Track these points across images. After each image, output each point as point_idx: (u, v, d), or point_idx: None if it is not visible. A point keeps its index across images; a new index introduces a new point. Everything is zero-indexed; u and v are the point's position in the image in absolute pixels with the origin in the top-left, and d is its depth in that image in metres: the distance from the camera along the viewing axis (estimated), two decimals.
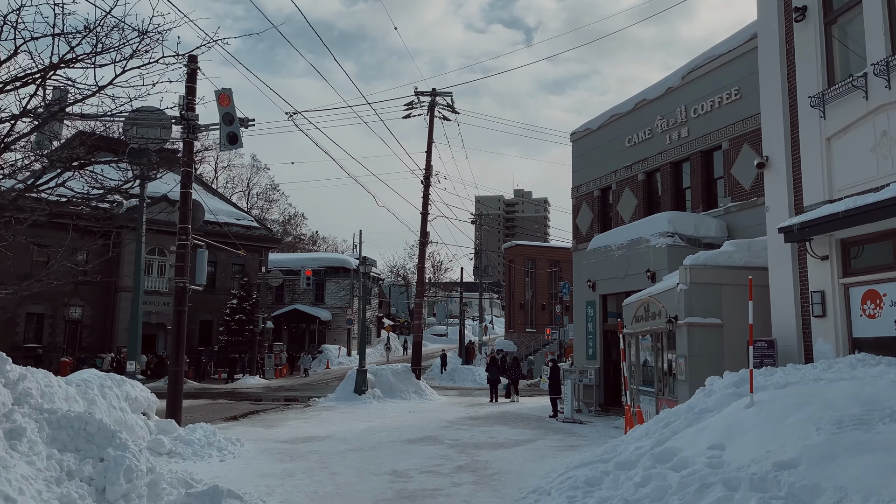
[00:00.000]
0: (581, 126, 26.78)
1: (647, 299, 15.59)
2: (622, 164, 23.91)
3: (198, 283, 14.01)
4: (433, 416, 19.29)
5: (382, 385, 24.95)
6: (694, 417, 7.16)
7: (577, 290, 24.95)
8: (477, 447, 12.70)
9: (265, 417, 18.94)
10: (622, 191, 24.00)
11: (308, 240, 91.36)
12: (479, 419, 18.43)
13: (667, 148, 21.84)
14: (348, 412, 20.25)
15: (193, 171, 13.66)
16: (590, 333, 22.23)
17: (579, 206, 26.52)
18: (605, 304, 22.00)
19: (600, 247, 21.91)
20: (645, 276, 19.17)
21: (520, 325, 50.00)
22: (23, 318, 40.17)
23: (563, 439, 14.16)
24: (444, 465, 10.64)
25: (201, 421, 18.21)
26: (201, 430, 11.71)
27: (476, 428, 16.12)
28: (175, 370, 13.38)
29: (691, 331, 12.99)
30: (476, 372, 37.97)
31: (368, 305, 62.44)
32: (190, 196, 13.48)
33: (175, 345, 13.55)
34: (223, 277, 47.22)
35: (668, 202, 21.67)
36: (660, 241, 19.07)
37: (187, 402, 24.51)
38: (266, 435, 14.49)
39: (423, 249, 27.16)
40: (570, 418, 18.22)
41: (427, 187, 27.35)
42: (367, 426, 16.39)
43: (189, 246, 13.33)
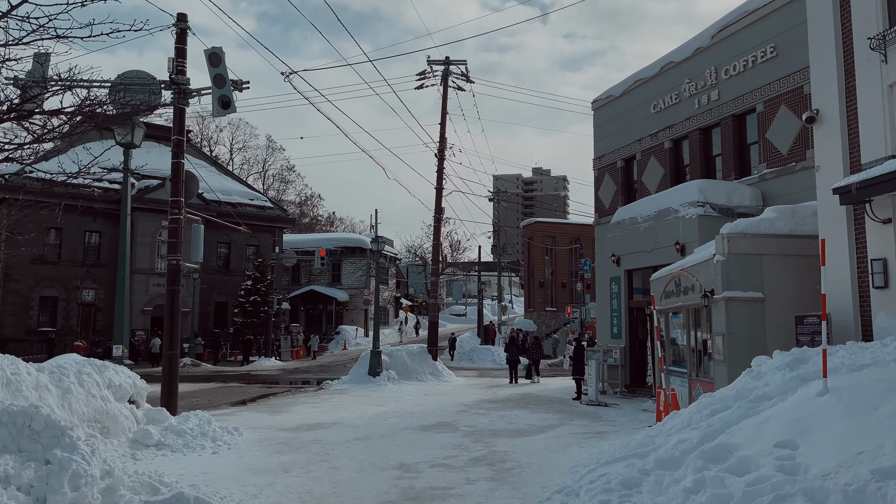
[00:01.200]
0: (603, 93, 25.41)
1: (679, 273, 14.39)
2: (647, 131, 22.57)
3: (194, 260, 13.03)
4: (449, 399, 18.30)
5: (397, 367, 24.02)
6: (749, 406, 6.05)
7: (599, 265, 23.76)
8: (495, 435, 11.67)
9: (273, 402, 18.07)
10: (647, 160, 22.68)
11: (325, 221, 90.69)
12: (498, 402, 17.42)
13: (695, 113, 20.47)
14: (361, 395, 19.33)
15: (185, 139, 12.63)
16: (614, 311, 21.06)
17: (601, 177, 25.23)
18: (631, 280, 20.79)
19: (625, 219, 20.67)
20: (674, 248, 17.93)
21: (539, 304, 48.86)
22: (36, 301, 39.74)
23: (588, 425, 13.08)
24: (457, 456, 9.61)
25: (207, 406, 17.40)
26: (196, 418, 10.78)
27: (494, 412, 15.10)
28: (169, 354, 12.45)
29: (730, 306, 11.80)
30: (495, 352, 36.95)
31: (385, 286, 61.55)
32: (182, 167, 12.47)
33: (168, 327, 12.61)
34: (237, 258, 46.54)
35: (697, 171, 20.35)
36: (690, 211, 17.80)
37: (197, 387, 23.82)
38: (270, 422, 13.57)
39: (438, 226, 26.06)
40: (594, 401, 17.14)
41: (441, 161, 26.19)
42: (378, 411, 15.43)
43: (181, 220, 12.35)
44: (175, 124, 12.47)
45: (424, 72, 26.30)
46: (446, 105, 26.56)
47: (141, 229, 41.75)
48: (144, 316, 41.41)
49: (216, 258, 46.05)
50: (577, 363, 18.77)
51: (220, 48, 11.75)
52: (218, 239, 45.99)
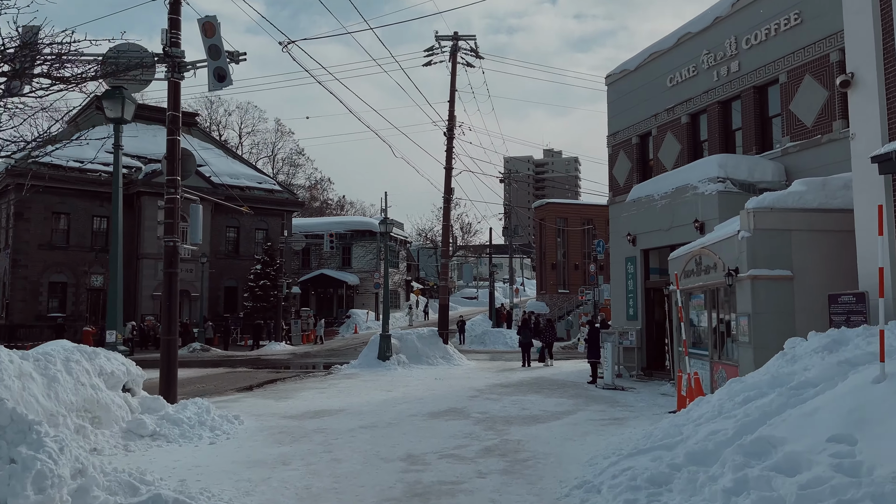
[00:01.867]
0: (617, 67, 24.58)
1: (700, 251, 13.72)
2: (663, 106, 21.78)
3: (192, 241, 12.49)
4: (460, 383, 17.78)
5: (408, 350, 23.52)
6: (791, 394, 5.43)
7: (614, 245, 23.09)
8: (508, 422, 11.11)
9: (280, 388, 17.61)
10: (663, 136, 21.90)
11: (336, 204, 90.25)
12: (511, 387, 16.87)
13: (714, 86, 19.67)
14: (370, 380, 18.84)
15: (180, 114, 12.04)
16: (630, 292, 20.41)
17: (616, 155, 24.47)
18: (647, 260, 20.12)
19: (641, 197, 19.97)
20: (692, 227, 17.25)
21: (552, 286, 48.23)
22: (45, 287, 39.55)
23: (605, 410, 12.50)
24: (468, 446, 9.05)
25: (213, 392, 16.97)
26: (194, 406, 10.28)
27: (507, 397, 14.54)
28: (167, 339, 11.93)
29: (756, 285, 11.13)
30: (507, 335, 36.42)
31: (395, 269, 61.11)
32: (177, 144, 11.87)
33: (166, 311, 12.09)
34: (246, 242, 46.16)
35: (716, 146, 19.58)
36: (709, 187, 17.08)
37: (204, 372, 23.41)
38: (274, 408, 13.08)
39: (448, 206, 25.41)
40: (610, 384, 16.55)
41: (450, 140, 25.50)
42: (387, 397, 14.92)
43: (178, 200, 11.79)
44: (169, 99, 11.89)
45: (432, 48, 25.55)
46: (455, 82, 25.83)
47: (148, 213, 41.43)
48: (154, 300, 41.13)
49: (225, 242, 45.69)
50: (591, 346, 18.17)
51: (213, 17, 11.12)
52: (227, 223, 45.60)
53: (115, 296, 10.31)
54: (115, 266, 10.19)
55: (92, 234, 41.01)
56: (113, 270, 10.19)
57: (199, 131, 50.23)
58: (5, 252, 40.32)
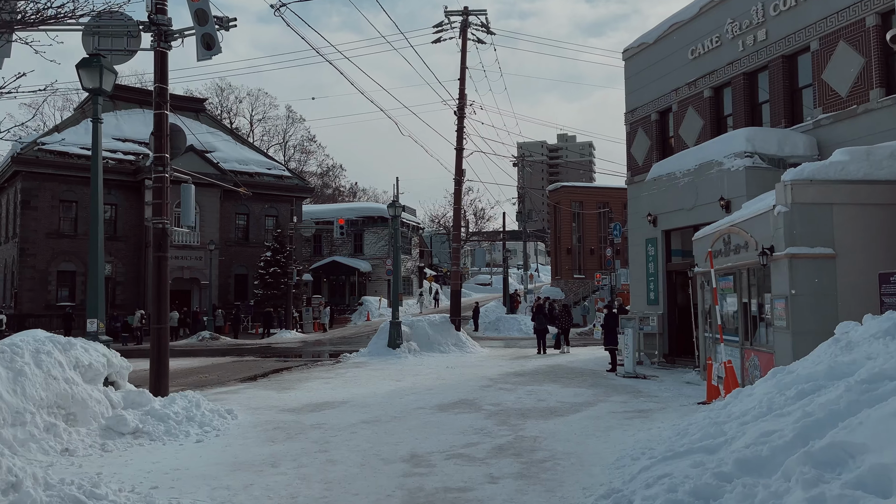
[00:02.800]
0: (635, 41, 23.47)
1: (728, 229, 12.74)
2: (684, 80, 20.68)
3: (184, 224, 11.69)
4: (473, 372, 16.94)
5: (419, 338, 22.70)
6: (863, 389, 4.53)
7: (633, 227, 22.09)
8: (523, 415, 10.24)
9: (285, 377, 16.86)
10: (685, 111, 20.82)
11: (348, 192, 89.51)
12: (526, 375, 16.01)
13: (739, 56, 18.56)
14: (379, 369, 18.05)
15: (167, 86, 11.19)
16: (650, 275, 19.43)
17: (634, 132, 23.40)
18: (669, 241, 19.12)
19: (662, 175, 18.95)
20: (718, 205, 16.25)
21: (567, 271, 47.21)
22: (54, 276, 39.11)
23: (628, 401, 11.60)
24: (479, 444, 8.20)
25: (215, 383, 16.26)
26: (184, 400, 9.50)
27: (522, 387, 13.68)
28: (157, 328, 11.12)
29: (794, 264, 10.15)
30: (522, 321, 35.53)
31: (408, 255, 60.30)
32: (165, 118, 11.02)
33: (156, 299, 11.27)
34: (256, 229, 45.50)
35: (741, 120, 18.50)
36: (736, 162, 16.05)
37: (210, 361, 22.74)
38: (274, 400, 12.30)
39: (459, 189, 24.47)
40: (631, 373, 15.64)
41: (461, 119, 24.52)
42: (395, 387, 14.10)
43: (167, 179, 10.97)
44: (156, 70, 11.04)
45: (441, 23, 24.54)
46: (465, 59, 24.82)
47: None
48: None
49: (234, 229, 45.06)
50: (609, 332, 17.23)
51: None
52: (236, 210, 44.95)
53: (96, 282, 9.54)
54: (95, 251, 9.40)
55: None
56: (93, 256, 9.42)
57: (207, 117, 49.51)
58: (13, 241, 39.90)
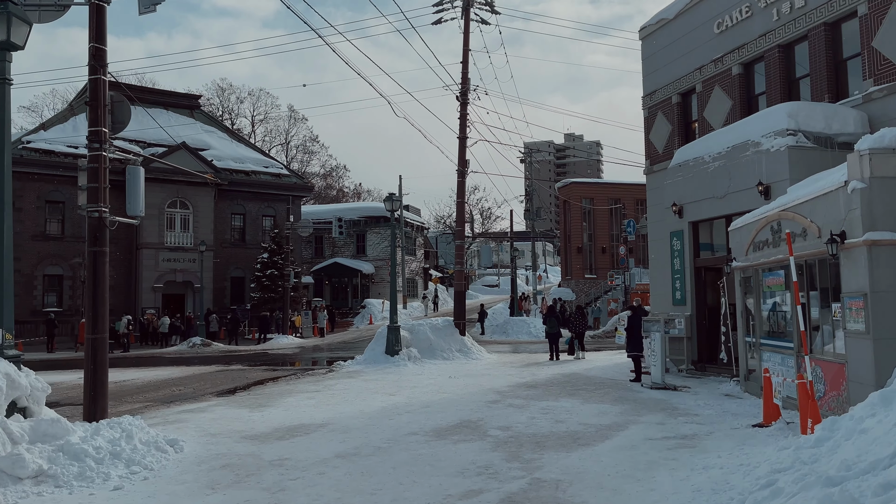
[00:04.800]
0: (652, 18, 21.48)
1: (779, 215, 10.75)
2: (710, 56, 18.71)
3: (131, 213, 9.81)
4: (478, 383, 15.00)
5: (420, 343, 20.79)
6: None
7: (654, 220, 20.12)
8: (538, 444, 8.28)
9: (267, 390, 14.96)
10: (710, 91, 18.84)
11: (352, 193, 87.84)
12: (539, 387, 14.06)
13: (773, 27, 16.59)
14: (372, 380, 16.14)
15: (105, 48, 9.31)
16: (676, 272, 17.44)
17: (653, 117, 21.42)
18: (697, 234, 17.13)
19: (688, 160, 16.98)
20: (755, 191, 14.29)
21: (578, 271, 45.20)
22: (41, 280, 37.38)
23: (665, 423, 9.62)
24: (483, 492, 6.19)
25: (188, 398, 14.33)
26: (114, 429, 7.59)
27: (535, 403, 11.73)
28: (93, 339, 9.14)
29: (875, 254, 8.18)
30: (531, 324, 33.55)
31: (413, 256, 58.39)
32: (102, 84, 9.11)
33: (92, 302, 9.32)
34: (253, 230, 43.69)
35: (776, 99, 16.51)
36: (776, 142, 14.07)
37: (192, 371, 20.78)
38: (241, 423, 10.39)
39: (463, 180, 22.53)
40: (659, 383, 13.66)
41: (464, 105, 22.60)
42: (386, 403, 12.18)
43: (104, 158, 9.09)
44: (91, 27, 9.16)
45: (442, 1, 22.63)
46: (468, 40, 22.90)
47: (148, 201, 38.80)
48: (155, 293, 38.88)
49: (230, 230, 43.26)
50: (633, 337, 15.25)
51: None
52: (232, 210, 43.17)
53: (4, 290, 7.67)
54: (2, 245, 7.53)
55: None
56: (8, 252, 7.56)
57: (202, 114, 47.75)
58: None
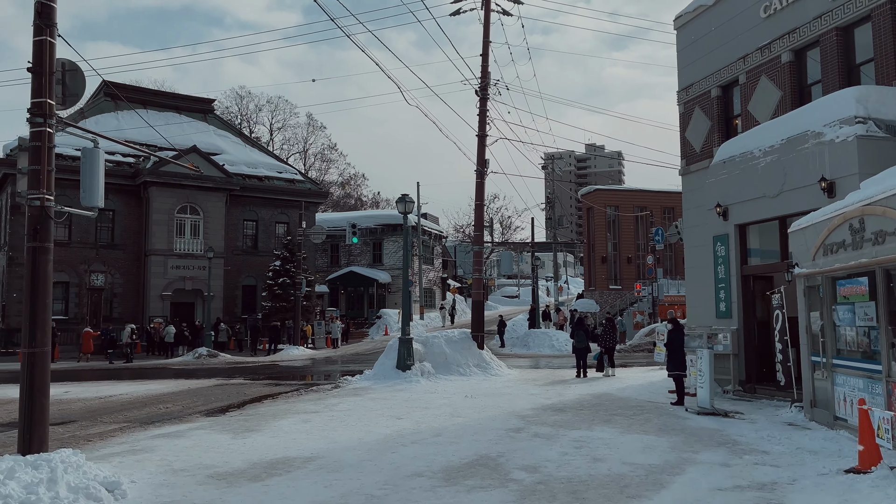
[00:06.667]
0: (689, 5, 19.74)
1: (863, 210, 8.96)
2: (755, 44, 16.94)
3: (87, 204, 8.23)
4: (498, 404, 13.27)
5: (434, 357, 19.10)
6: None
7: (692, 224, 18.32)
8: (576, 495, 6.52)
9: (261, 410, 13.35)
10: (756, 82, 17.05)
11: (370, 201, 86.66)
12: (568, 411, 12.29)
13: (830, 8, 14.81)
14: (380, 399, 14.47)
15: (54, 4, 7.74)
16: (720, 281, 15.60)
17: (689, 113, 19.64)
18: (745, 238, 15.30)
19: (734, 155, 15.19)
20: (817, 188, 12.49)
21: (602, 282, 43.28)
22: None
23: (730, 463, 7.83)
24: None
25: (174, 417, 12.77)
26: (41, 469, 6.00)
27: (565, 432, 9.97)
28: (31, 353, 7.44)
29: None
30: (553, 336, 31.72)
31: (430, 266, 56.76)
32: (48, 47, 7.52)
33: (30, 308, 7.64)
34: (266, 237, 42.35)
35: (833, 87, 14.68)
36: (842, 131, 12.26)
37: (188, 385, 19.17)
38: (214, 455, 8.76)
39: (482, 181, 20.85)
40: (707, 408, 11.83)
41: (484, 101, 20.98)
42: (392, 429, 10.49)
43: (47, 135, 7.52)
44: None
45: None
46: (489, 32, 21.31)
47: (156, 206, 37.85)
48: (163, 301, 37.57)
49: (242, 237, 41.98)
50: (675, 354, 13.41)
51: None
52: (244, 216, 41.90)
53: None
54: None
55: (96, 229, 37.51)
56: None
57: (215, 118, 46.65)
58: (3, 250, 37.19)
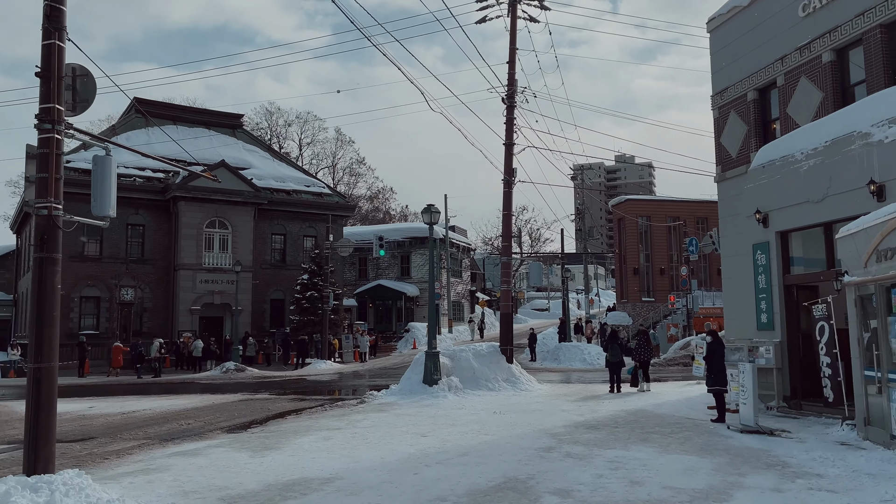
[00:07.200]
0: (723, 6, 19.09)
1: None
2: (794, 44, 16.24)
3: (98, 214, 7.92)
4: (528, 421, 12.70)
5: (462, 372, 18.58)
6: None
7: (729, 233, 17.59)
8: None
9: (283, 426, 12.96)
10: (795, 84, 16.33)
11: (399, 215, 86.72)
12: (602, 428, 11.67)
13: (873, 4, 14.11)
14: (405, 415, 13.99)
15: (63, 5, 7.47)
16: (761, 291, 14.87)
17: (724, 118, 18.94)
18: (787, 246, 14.57)
19: (774, 159, 14.50)
20: (865, 191, 11.81)
21: (634, 294, 42.36)
22: (77, 302, 36.49)
23: (782, 488, 7.18)
24: None
25: (194, 434, 12.44)
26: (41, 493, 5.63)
27: (599, 452, 9.38)
28: (37, 369, 7.11)
29: None
30: (585, 350, 30.96)
31: (459, 279, 56.25)
32: (57, 51, 7.25)
33: (36, 322, 7.33)
34: (294, 251, 42.31)
35: (879, 86, 13.93)
36: (892, 131, 11.60)
37: (212, 400, 18.86)
38: (228, 475, 8.37)
39: (509, 190, 20.35)
40: (751, 426, 11.12)
41: (511, 109, 20.53)
42: (416, 448, 10.00)
43: (56, 142, 7.23)
44: None
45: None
46: (515, 38, 20.90)
47: (186, 220, 38.03)
48: (192, 316, 37.63)
49: (270, 251, 41.99)
50: (715, 368, 12.70)
51: None
52: (272, 230, 41.93)
53: None
54: None
55: (126, 244, 37.79)
56: None
57: (244, 133, 46.92)
58: None
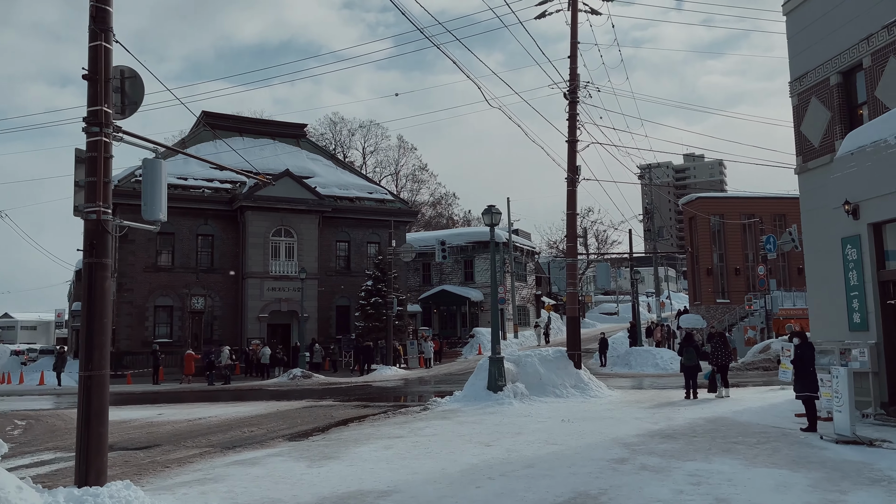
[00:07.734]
0: None
1: None
2: (881, 22, 15.02)
3: (149, 218, 7.76)
4: (598, 430, 12.00)
5: (528, 378, 17.96)
6: None
7: (813, 227, 16.43)
8: None
9: (344, 435, 12.65)
10: (883, 64, 15.09)
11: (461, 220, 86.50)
12: (679, 438, 10.88)
13: None
14: (468, 422, 13.48)
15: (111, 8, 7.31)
16: (852, 289, 13.72)
17: (804, 105, 17.74)
18: (881, 238, 13.39)
19: (864, 145, 13.37)
20: None
21: (708, 295, 40.67)
22: (152, 311, 37.51)
23: None
24: None
25: (254, 442, 12.28)
26: None
27: (678, 464, 8.65)
28: (87, 377, 6.88)
29: None
30: (658, 354, 29.78)
31: (524, 283, 55.41)
32: (104, 53, 7.11)
33: (86, 329, 7.14)
34: (358, 258, 42.47)
35: None
36: None
37: (278, 407, 18.82)
38: (284, 486, 8.05)
39: (573, 189, 19.61)
40: (848, 436, 10.14)
41: (573, 105, 19.82)
42: (478, 459, 9.47)
43: (104, 145, 7.06)
44: None
45: None
46: (576, 32, 20.18)
47: (252, 230, 38.65)
48: (260, 323, 38.17)
49: (335, 258, 42.27)
50: (804, 373, 11.71)
51: None
52: (336, 237, 42.20)
53: None
54: None
55: (197, 254, 38.70)
56: None
57: (307, 143, 47.51)
58: (112, 276, 38.88)
